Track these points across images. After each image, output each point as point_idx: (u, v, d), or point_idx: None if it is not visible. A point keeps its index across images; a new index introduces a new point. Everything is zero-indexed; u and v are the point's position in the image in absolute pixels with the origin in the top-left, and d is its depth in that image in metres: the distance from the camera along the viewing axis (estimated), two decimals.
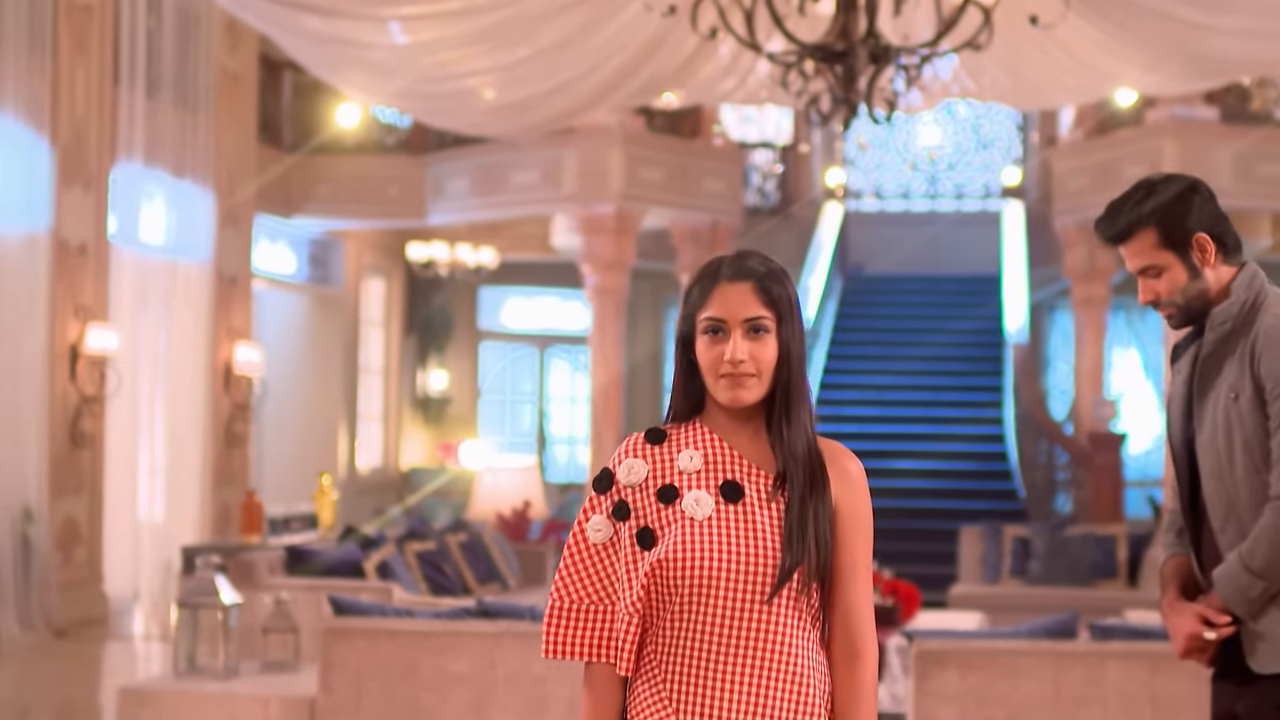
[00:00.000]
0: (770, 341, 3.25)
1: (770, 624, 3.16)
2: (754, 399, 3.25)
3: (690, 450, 3.28)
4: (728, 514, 3.21)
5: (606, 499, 3.30)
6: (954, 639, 7.50)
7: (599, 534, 3.29)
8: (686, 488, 3.25)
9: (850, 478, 3.29)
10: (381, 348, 22.59)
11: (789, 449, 3.24)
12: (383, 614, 8.11)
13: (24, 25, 13.70)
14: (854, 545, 3.26)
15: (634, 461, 3.31)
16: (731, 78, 12.50)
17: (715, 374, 3.25)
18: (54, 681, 12.35)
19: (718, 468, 3.26)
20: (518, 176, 18.67)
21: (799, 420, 3.26)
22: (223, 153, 17.08)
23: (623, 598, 3.23)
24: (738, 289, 3.27)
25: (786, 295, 3.28)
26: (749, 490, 3.23)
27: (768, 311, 3.25)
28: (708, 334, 3.27)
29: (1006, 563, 14.06)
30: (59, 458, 14.29)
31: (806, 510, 3.20)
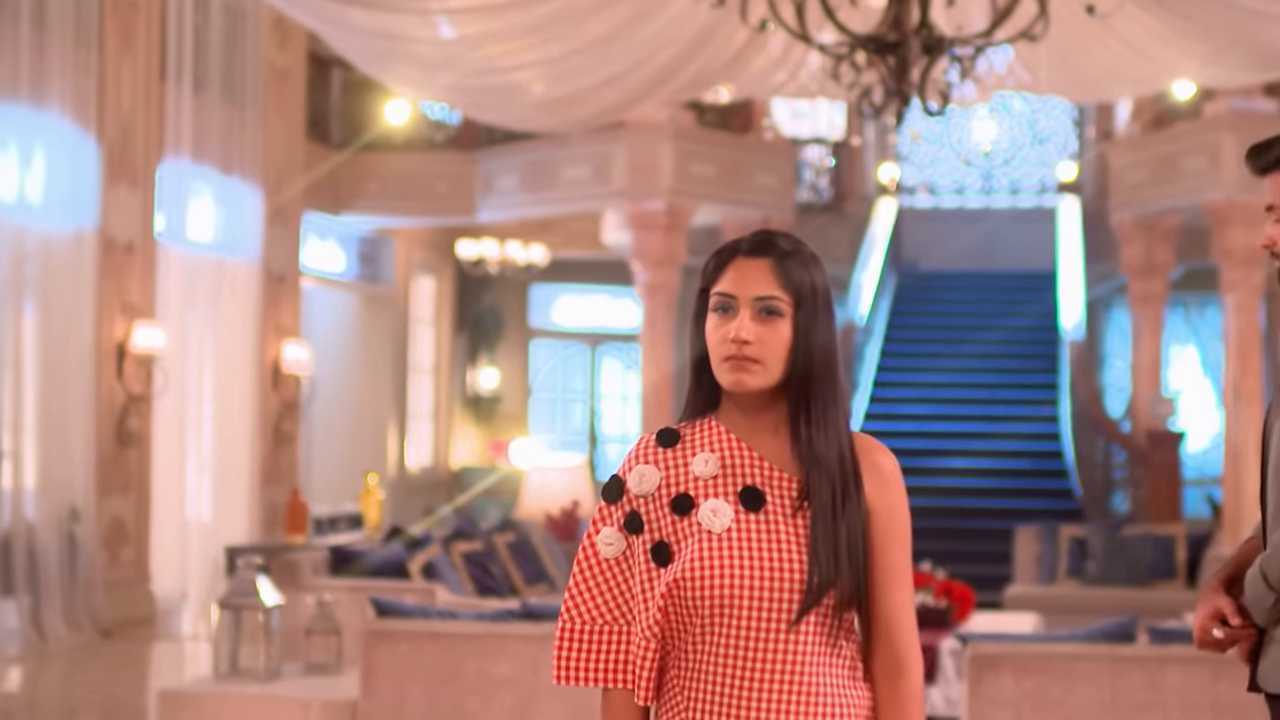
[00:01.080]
0: (782, 326, 2.96)
1: (797, 647, 2.89)
2: (758, 385, 2.95)
3: (705, 453, 3.00)
4: (748, 525, 2.93)
5: (617, 509, 3.04)
6: (1009, 642, 7.32)
7: (610, 548, 3.03)
8: (702, 496, 2.97)
9: (884, 474, 3.00)
10: (432, 346, 22.50)
11: (810, 452, 2.95)
12: (425, 616, 7.98)
13: (70, 21, 13.62)
14: (890, 549, 2.97)
15: (645, 468, 3.03)
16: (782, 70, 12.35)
17: (719, 355, 2.98)
18: (100, 682, 12.28)
19: (736, 472, 2.98)
20: (567, 172, 18.56)
21: (822, 419, 2.96)
22: (271, 150, 17.00)
23: (639, 620, 2.97)
24: (754, 265, 2.99)
25: (809, 280, 2.99)
26: (771, 497, 2.96)
27: (783, 293, 2.96)
28: (717, 311, 3.00)
29: (1063, 563, 13.87)
30: (106, 457, 14.22)
31: (837, 525, 2.91)
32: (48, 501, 13.43)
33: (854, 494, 2.93)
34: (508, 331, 23.51)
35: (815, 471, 2.93)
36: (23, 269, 13.25)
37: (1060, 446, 19.39)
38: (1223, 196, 17.04)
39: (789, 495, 2.94)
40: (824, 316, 2.99)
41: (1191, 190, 17.66)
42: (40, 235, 13.44)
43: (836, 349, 3.03)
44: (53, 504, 13.49)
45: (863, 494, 2.95)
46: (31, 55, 13.16)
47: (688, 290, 21.20)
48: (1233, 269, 17.17)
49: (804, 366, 2.96)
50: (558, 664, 3.03)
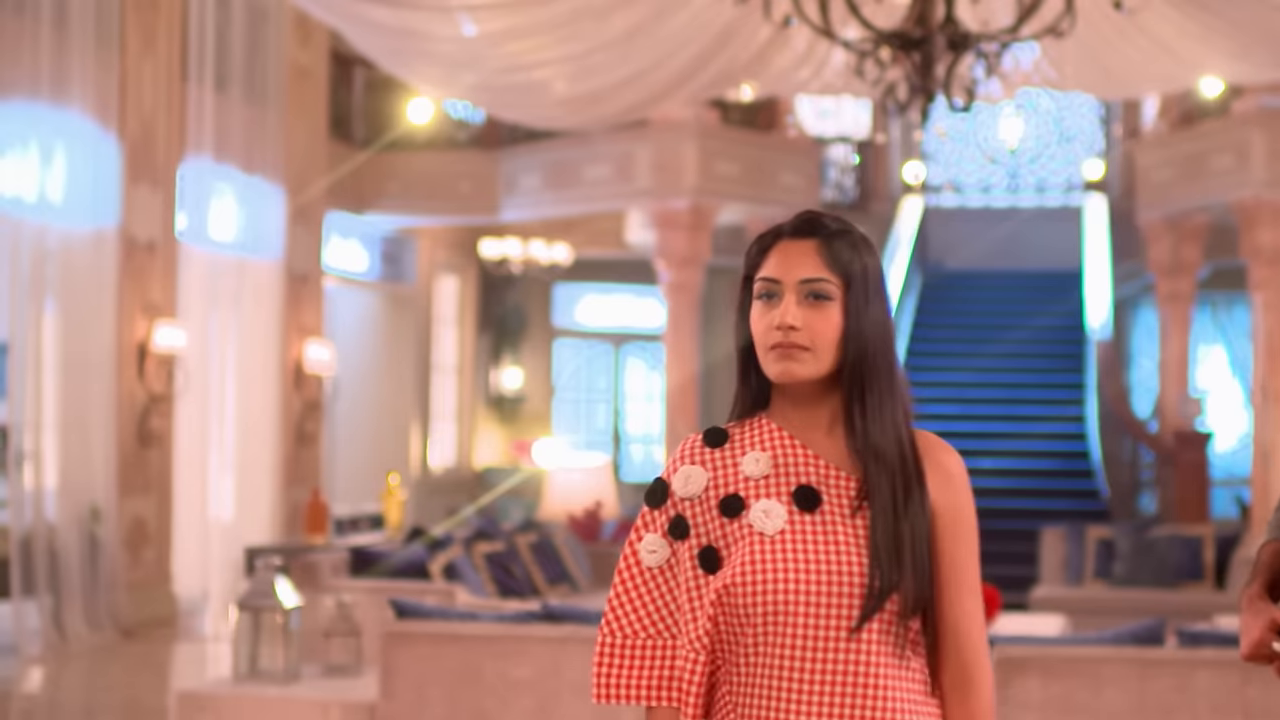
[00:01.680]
0: (831, 311, 2.77)
1: (860, 657, 2.70)
2: (807, 375, 2.76)
3: (756, 452, 2.81)
4: (803, 527, 2.73)
5: (661, 514, 2.85)
6: (1035, 645, 7.22)
7: (654, 556, 2.84)
8: (753, 497, 2.78)
9: (949, 474, 2.81)
10: (455, 345, 22.44)
11: (867, 445, 2.76)
12: (445, 617, 7.92)
13: (91, 20, 13.58)
14: (957, 553, 2.79)
15: (691, 469, 2.84)
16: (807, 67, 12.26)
17: (764, 345, 2.79)
18: (120, 682, 12.23)
19: (789, 471, 2.79)
20: (590, 171, 18.49)
21: (879, 411, 2.77)
22: (293, 149, 16.96)
23: (686, 631, 2.78)
24: (799, 247, 2.81)
25: (859, 261, 2.80)
26: (828, 497, 2.76)
27: (831, 275, 2.77)
28: (761, 299, 2.81)
29: (1090, 564, 13.77)
30: (127, 457, 14.18)
31: (899, 524, 2.72)
32: (69, 501, 13.40)
33: (916, 491, 2.75)
34: (531, 331, 23.44)
35: (874, 467, 2.75)
36: (44, 268, 13.22)
37: (1087, 447, 19.31)
38: (1251, 195, 16.92)
39: (847, 495, 2.76)
40: (876, 300, 2.81)
41: (1219, 188, 17.55)
42: (61, 234, 13.41)
43: (893, 335, 2.85)
44: (74, 504, 13.46)
45: (926, 493, 2.77)
46: (52, 54, 13.13)
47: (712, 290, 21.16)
48: (1261, 267, 17.05)
49: (857, 354, 2.77)
50: (598, 681, 2.85)
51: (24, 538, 12.96)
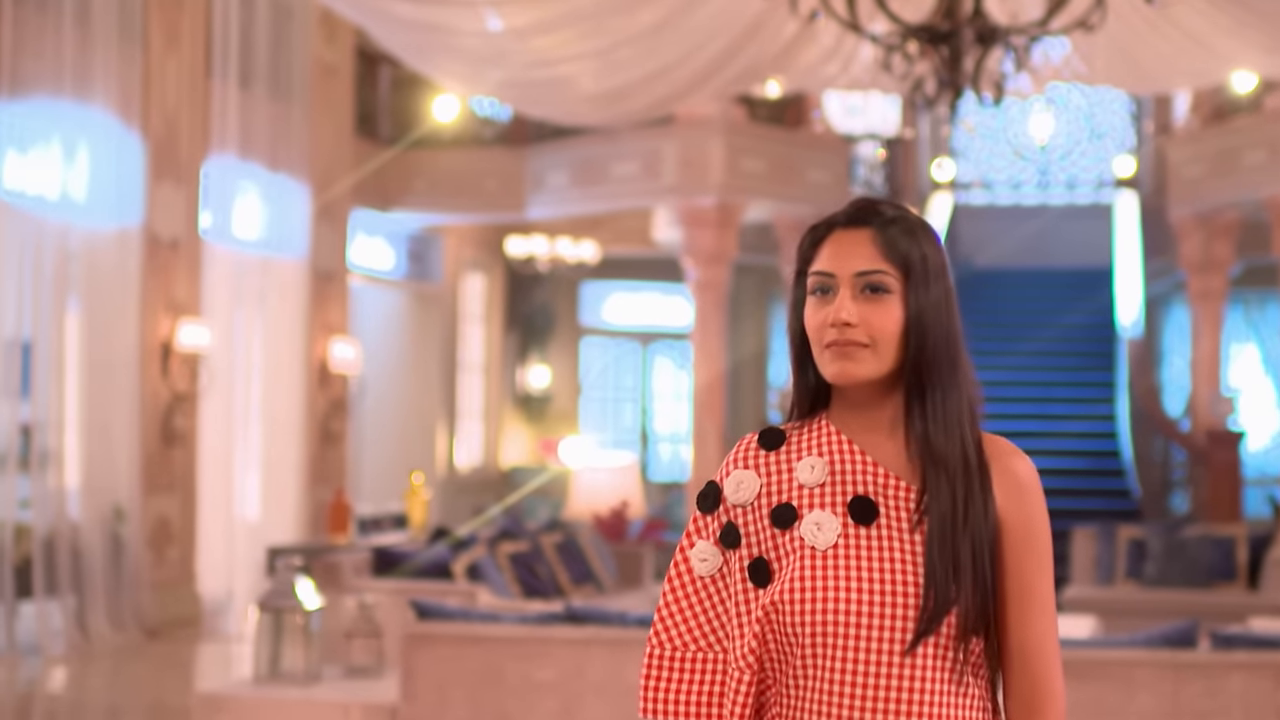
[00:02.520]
0: (891, 305, 2.58)
1: (915, 684, 2.50)
2: (866, 375, 2.57)
3: (812, 458, 2.62)
4: (858, 541, 2.55)
5: (713, 520, 2.67)
6: (1066, 648, 7.10)
7: (705, 564, 2.66)
8: (806, 507, 2.59)
9: (1019, 482, 2.61)
10: (482, 344, 22.37)
11: (927, 449, 2.57)
12: (467, 619, 7.85)
13: (114, 16, 13.52)
14: (1026, 568, 2.57)
15: (743, 474, 2.65)
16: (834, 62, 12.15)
17: (820, 343, 2.59)
18: (144, 683, 12.19)
19: (845, 479, 2.60)
20: (617, 168, 18.41)
21: (941, 411, 2.58)
22: (318, 146, 16.89)
23: (734, 648, 2.60)
24: (853, 237, 2.63)
25: (920, 251, 2.61)
26: (885, 509, 2.57)
27: (888, 266, 2.59)
28: (816, 294, 2.62)
29: (1121, 564, 13.65)
30: (151, 456, 14.12)
31: (958, 536, 2.51)
32: (92, 501, 13.36)
33: (979, 500, 2.55)
34: (558, 329, 23.37)
35: (933, 472, 2.55)
36: (67, 267, 13.16)
37: (1118, 445, 19.18)
38: None
39: (906, 507, 2.56)
40: (939, 289, 2.61)
41: (1252, 185, 17.41)
42: (84, 232, 13.37)
43: (958, 328, 2.65)
44: (97, 503, 13.42)
45: (992, 502, 2.57)
46: (75, 51, 13.07)
47: (740, 288, 21.10)
48: None
49: (916, 348, 2.58)
50: (645, 695, 2.67)
51: (47, 537, 12.91)
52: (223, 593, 15.14)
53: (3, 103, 12.45)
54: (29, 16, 12.64)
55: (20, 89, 12.58)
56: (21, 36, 12.55)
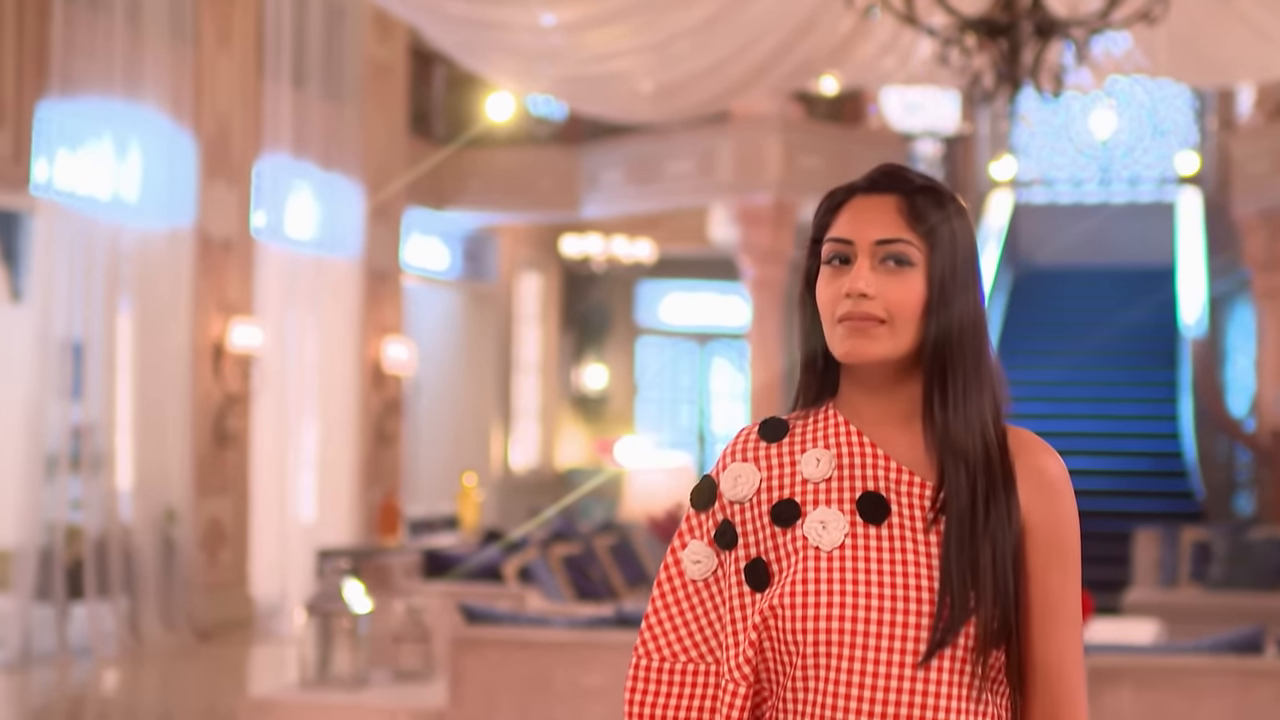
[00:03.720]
0: (912, 279, 2.33)
1: (925, 699, 2.27)
2: (881, 354, 2.32)
3: (817, 450, 2.38)
4: (866, 541, 2.31)
5: (708, 518, 2.43)
6: (1128, 654, 6.93)
7: (699, 566, 2.42)
8: (810, 504, 2.35)
9: (1047, 480, 2.37)
10: (538, 344, 22.29)
11: (946, 441, 2.33)
12: (515, 623, 7.73)
13: (165, 15, 13.46)
14: (1051, 575, 2.34)
15: (741, 468, 2.41)
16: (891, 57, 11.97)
17: (832, 317, 2.35)
18: (196, 686, 12.14)
19: (854, 474, 2.36)
20: (672, 166, 18.32)
21: (962, 401, 2.33)
22: (372, 146, 16.83)
23: (727, 658, 2.37)
24: (876, 203, 2.38)
25: (949, 225, 2.36)
26: (898, 506, 2.33)
27: (913, 237, 2.34)
28: (831, 263, 2.37)
29: (1184, 567, 13.44)
30: (204, 457, 14.05)
31: (978, 538, 2.28)
32: (144, 503, 13.31)
33: (1003, 499, 2.31)
34: (614, 329, 23.27)
35: (952, 467, 2.32)
36: (118, 268, 13.10)
37: (1181, 446, 18.97)
38: None
39: (921, 505, 2.33)
40: (967, 270, 2.36)
41: None
42: (136, 233, 13.32)
43: (984, 314, 2.39)
44: (149, 505, 13.37)
45: (1015, 502, 2.33)
46: (126, 50, 13.01)
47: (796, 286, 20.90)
48: None
49: (940, 331, 2.33)
50: (630, 707, 2.43)
51: (99, 539, 12.86)
52: (276, 595, 15.05)
53: (54, 102, 12.39)
54: (79, 15, 12.57)
55: (71, 88, 12.51)
56: (72, 35, 12.48)
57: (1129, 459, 18.71)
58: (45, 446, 12.56)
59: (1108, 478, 18.11)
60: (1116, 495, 17.76)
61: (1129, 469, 18.59)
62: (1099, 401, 19.74)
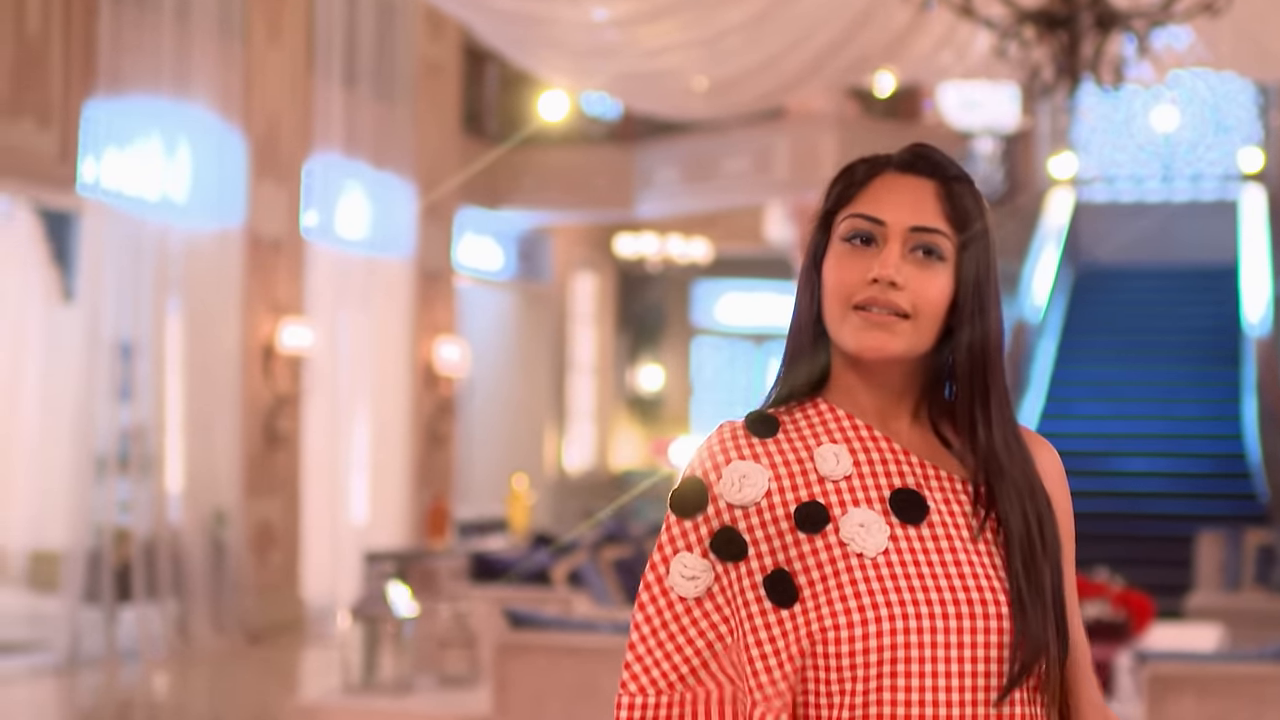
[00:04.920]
0: (941, 275, 2.09)
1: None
2: (899, 351, 2.07)
3: (831, 445, 2.09)
4: (911, 544, 2.04)
5: (698, 527, 2.09)
6: (1190, 661, 6.72)
7: (694, 583, 2.07)
8: (838, 505, 2.06)
9: (1057, 472, 2.17)
10: (593, 345, 22.16)
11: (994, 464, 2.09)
12: (561, 628, 7.57)
13: (213, 12, 13.36)
14: (1068, 565, 2.14)
15: (746, 466, 2.08)
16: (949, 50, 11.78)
17: (846, 301, 2.08)
18: (245, 689, 12.03)
19: (875, 470, 2.09)
20: (728, 164, 18.19)
21: (1001, 417, 2.11)
22: (424, 145, 16.71)
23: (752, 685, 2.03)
24: (912, 184, 2.13)
25: (982, 220, 2.12)
26: (934, 504, 2.08)
27: (949, 230, 2.10)
28: (850, 240, 2.11)
29: (1248, 570, 13.23)
30: (254, 458, 13.94)
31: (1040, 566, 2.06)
32: (194, 504, 13.22)
33: (1049, 516, 2.10)
34: (670, 329, 23.13)
35: (1002, 490, 2.08)
36: (167, 268, 13.00)
37: (1244, 447, 18.69)
38: None
39: (958, 502, 2.10)
40: (992, 269, 2.13)
41: None
42: (185, 232, 13.22)
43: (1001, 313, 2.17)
44: (199, 507, 13.28)
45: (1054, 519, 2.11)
46: (174, 48, 12.91)
47: None
48: None
49: (978, 340, 2.09)
50: None
51: (148, 541, 12.77)
52: (327, 597, 14.94)
53: (101, 101, 12.29)
54: (127, 13, 12.48)
55: (119, 87, 12.42)
56: (119, 33, 12.39)
57: (1191, 460, 18.46)
58: (94, 448, 12.48)
59: (1169, 479, 17.90)
60: (1178, 497, 17.54)
61: (1191, 470, 18.36)
62: (1161, 401, 19.50)
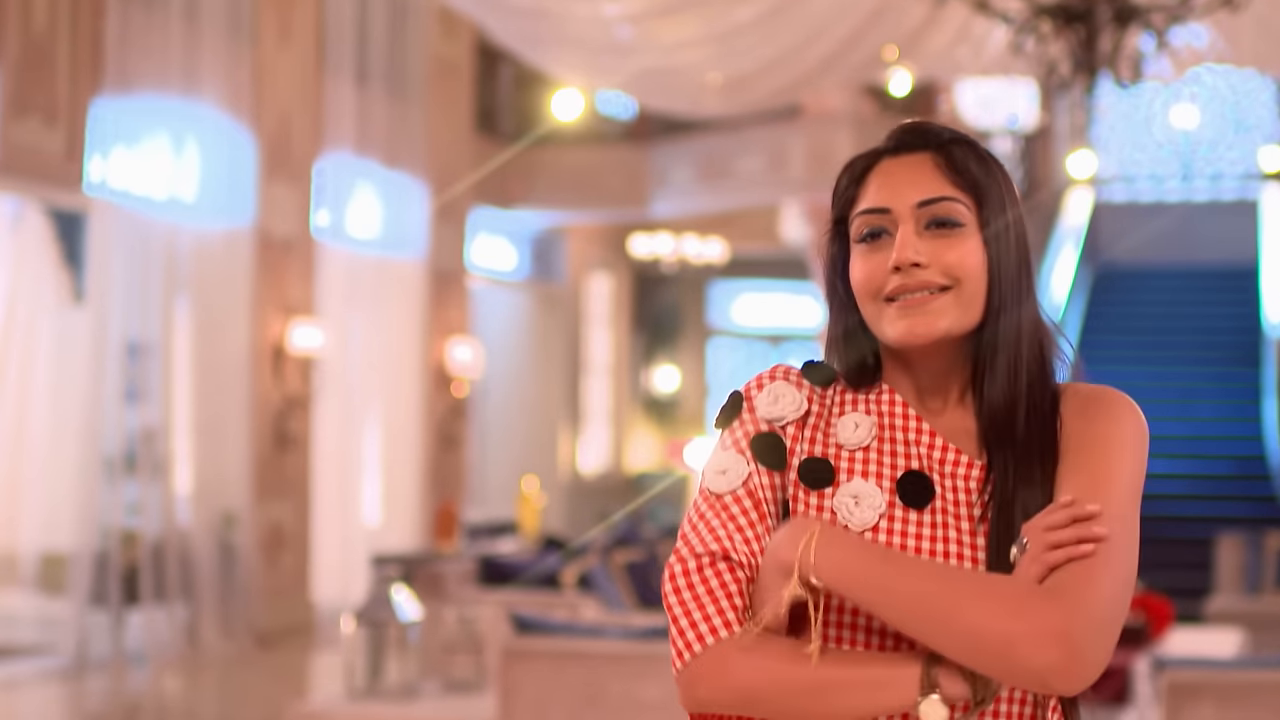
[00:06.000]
0: (968, 240, 1.99)
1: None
2: (946, 328, 1.98)
3: (857, 415, 2.04)
4: (905, 527, 1.96)
5: (733, 432, 2.04)
6: (1210, 669, 6.57)
7: (724, 478, 2.00)
8: (846, 474, 2.00)
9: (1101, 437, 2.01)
10: (608, 346, 22.04)
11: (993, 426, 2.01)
12: (568, 633, 7.43)
13: (222, 10, 13.24)
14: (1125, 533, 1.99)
15: (783, 387, 2.05)
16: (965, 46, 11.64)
17: (876, 296, 2.01)
18: (252, 694, 11.96)
19: (897, 449, 2.02)
20: (743, 163, 18.09)
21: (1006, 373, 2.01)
22: (437, 144, 16.58)
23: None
24: (908, 163, 2.04)
25: (991, 175, 2.03)
26: (942, 489, 1.99)
27: (958, 193, 2.01)
28: (865, 240, 2.03)
29: (1269, 574, 13.10)
30: (264, 460, 13.82)
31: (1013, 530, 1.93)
32: (203, 507, 13.12)
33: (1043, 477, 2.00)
34: (686, 330, 23.01)
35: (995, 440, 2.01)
36: (176, 268, 12.89)
37: (1265, 449, 18.59)
38: None
39: (966, 489, 2.00)
40: (1015, 226, 2.03)
41: None
42: (194, 233, 13.11)
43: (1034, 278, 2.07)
44: (208, 509, 13.17)
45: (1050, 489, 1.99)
46: (183, 46, 12.81)
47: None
48: None
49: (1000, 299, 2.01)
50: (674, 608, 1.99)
51: (156, 544, 12.66)
52: (338, 600, 14.80)
53: (108, 99, 12.17)
54: (135, 10, 12.37)
55: (126, 85, 12.30)
56: (127, 30, 12.28)
57: (1211, 461, 18.37)
58: (103, 450, 12.37)
59: (1189, 481, 17.78)
60: (1198, 499, 17.44)
61: (1211, 472, 18.25)
62: (1180, 403, 19.37)
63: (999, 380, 2.01)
